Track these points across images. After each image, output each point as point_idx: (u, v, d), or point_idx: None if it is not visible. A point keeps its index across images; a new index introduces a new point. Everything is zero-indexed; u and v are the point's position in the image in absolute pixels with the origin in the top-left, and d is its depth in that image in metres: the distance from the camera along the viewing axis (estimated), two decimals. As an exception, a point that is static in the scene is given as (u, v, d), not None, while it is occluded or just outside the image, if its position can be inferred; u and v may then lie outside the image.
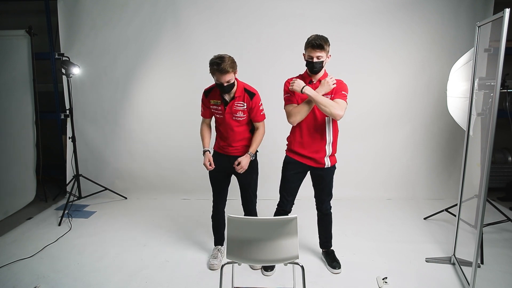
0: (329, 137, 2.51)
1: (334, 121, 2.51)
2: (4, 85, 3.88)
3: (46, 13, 4.23)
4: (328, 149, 2.53)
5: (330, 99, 2.38)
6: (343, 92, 2.43)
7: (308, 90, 2.32)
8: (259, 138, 2.64)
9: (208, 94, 2.62)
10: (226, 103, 2.55)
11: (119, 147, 4.34)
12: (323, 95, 2.35)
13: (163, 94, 4.24)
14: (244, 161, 2.57)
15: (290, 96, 2.46)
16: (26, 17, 4.62)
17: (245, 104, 2.55)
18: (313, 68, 2.39)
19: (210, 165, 2.62)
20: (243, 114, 2.57)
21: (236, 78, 2.52)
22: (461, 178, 2.67)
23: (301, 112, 2.39)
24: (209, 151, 2.67)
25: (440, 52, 3.99)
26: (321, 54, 2.35)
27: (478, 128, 3.34)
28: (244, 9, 4.02)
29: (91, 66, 4.18)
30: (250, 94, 2.57)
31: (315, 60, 2.35)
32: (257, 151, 2.72)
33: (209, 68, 2.44)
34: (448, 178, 4.21)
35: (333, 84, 2.37)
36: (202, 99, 2.66)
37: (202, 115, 2.73)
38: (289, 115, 2.44)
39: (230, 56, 2.44)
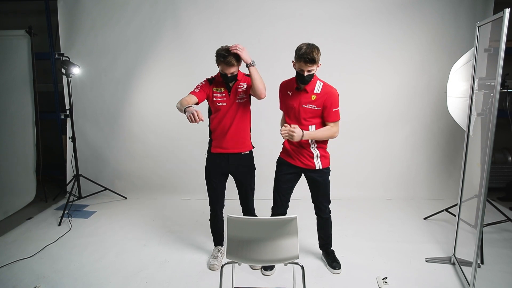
0: (312, 141, 2.49)
1: (317, 128, 2.49)
2: (4, 85, 3.88)
3: (46, 13, 4.24)
4: (315, 151, 2.51)
5: (315, 110, 2.41)
6: (334, 109, 2.42)
7: (307, 135, 2.38)
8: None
9: (212, 81, 2.64)
10: (229, 88, 2.60)
11: (119, 147, 4.34)
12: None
13: (163, 94, 4.23)
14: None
15: (280, 102, 2.62)
16: (26, 17, 4.63)
17: (245, 83, 2.62)
18: (304, 81, 2.37)
19: (195, 115, 2.23)
20: (245, 95, 2.62)
21: None
22: (461, 178, 2.67)
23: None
24: (192, 106, 2.35)
25: (440, 52, 3.99)
26: (312, 67, 2.31)
27: (478, 128, 3.34)
28: (244, 9, 4.02)
29: (91, 66, 4.18)
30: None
31: (306, 73, 2.32)
32: (253, 147, 2.75)
33: (215, 57, 2.51)
34: (448, 178, 4.21)
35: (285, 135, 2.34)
36: (201, 84, 2.62)
37: (192, 93, 2.55)
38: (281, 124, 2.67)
39: None
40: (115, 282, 2.59)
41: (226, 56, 2.43)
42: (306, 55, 2.25)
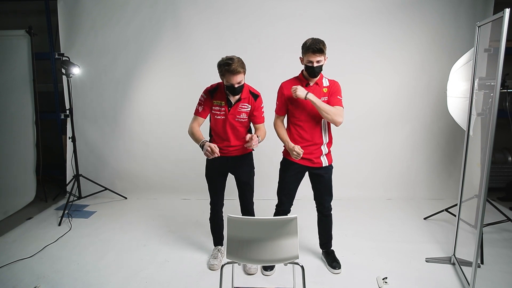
0: (325, 138, 2.56)
1: (329, 123, 2.56)
2: (4, 85, 3.88)
3: (46, 13, 4.24)
4: (324, 149, 2.56)
5: (326, 101, 2.45)
6: (338, 97, 2.49)
7: (311, 96, 2.36)
8: (263, 133, 2.62)
9: (212, 93, 2.53)
10: (230, 104, 2.52)
11: (119, 147, 4.34)
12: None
13: (163, 94, 4.24)
14: (254, 138, 2.42)
15: (279, 106, 2.57)
16: (26, 17, 4.63)
17: (250, 105, 2.55)
18: (314, 73, 2.41)
19: (213, 151, 2.35)
20: (246, 116, 2.57)
21: None
22: (461, 178, 2.67)
23: (279, 134, 2.56)
24: (207, 140, 2.47)
25: (440, 52, 3.99)
26: (321, 58, 2.37)
27: (478, 128, 3.34)
28: (244, 9, 4.02)
29: (91, 66, 4.18)
30: (254, 96, 2.57)
31: (315, 64, 2.37)
32: (253, 149, 2.70)
33: (218, 71, 2.41)
34: (448, 178, 4.21)
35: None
36: (203, 99, 2.55)
37: (197, 114, 2.56)
38: (275, 125, 2.61)
39: (238, 57, 2.40)
40: (115, 282, 2.59)
41: (231, 63, 2.30)
42: (314, 45, 2.33)
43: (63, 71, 3.79)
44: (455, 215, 2.83)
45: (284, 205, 2.68)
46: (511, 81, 3.63)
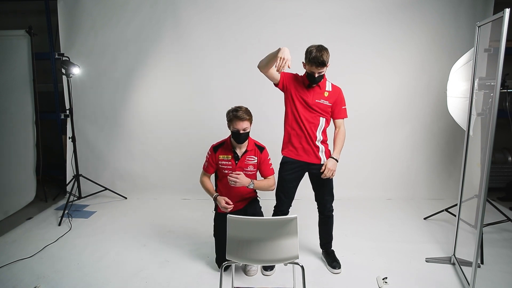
0: (319, 135, 2.55)
1: (327, 123, 2.59)
2: (4, 85, 3.88)
3: (46, 13, 4.24)
4: (320, 145, 2.56)
5: (327, 107, 2.50)
6: (343, 107, 2.56)
7: (336, 155, 2.51)
8: (265, 182, 2.63)
9: (217, 149, 2.61)
10: (237, 157, 2.56)
11: (119, 147, 4.35)
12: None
13: (163, 94, 4.24)
14: (243, 179, 2.47)
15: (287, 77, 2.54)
16: (26, 17, 4.63)
17: (256, 158, 2.60)
18: (314, 82, 2.44)
19: (228, 204, 2.49)
20: (254, 168, 2.61)
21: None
22: (461, 178, 2.67)
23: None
24: (218, 194, 2.57)
25: (440, 52, 3.99)
26: (323, 69, 2.39)
27: (478, 128, 3.34)
28: (244, 9, 4.02)
29: (91, 66, 4.19)
30: (260, 148, 2.62)
31: (316, 75, 2.40)
32: (258, 197, 2.77)
33: (226, 118, 2.51)
34: (448, 178, 4.21)
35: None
36: (208, 156, 2.64)
37: (204, 169, 2.69)
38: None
39: (246, 107, 2.52)
40: (115, 282, 2.59)
41: (238, 110, 2.45)
42: (317, 59, 2.32)
43: (63, 71, 3.79)
44: (455, 215, 2.83)
45: (282, 205, 2.67)
46: (511, 81, 3.63)
